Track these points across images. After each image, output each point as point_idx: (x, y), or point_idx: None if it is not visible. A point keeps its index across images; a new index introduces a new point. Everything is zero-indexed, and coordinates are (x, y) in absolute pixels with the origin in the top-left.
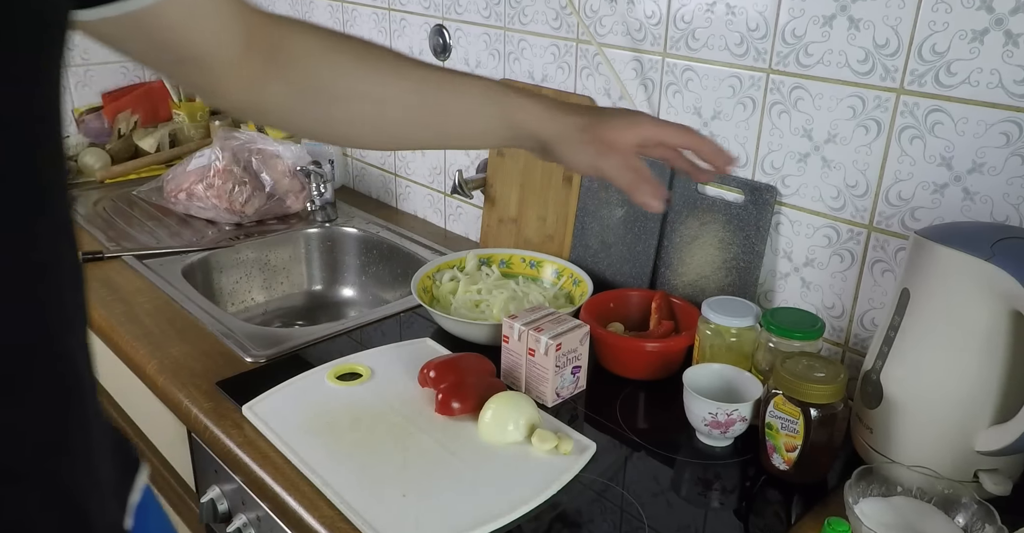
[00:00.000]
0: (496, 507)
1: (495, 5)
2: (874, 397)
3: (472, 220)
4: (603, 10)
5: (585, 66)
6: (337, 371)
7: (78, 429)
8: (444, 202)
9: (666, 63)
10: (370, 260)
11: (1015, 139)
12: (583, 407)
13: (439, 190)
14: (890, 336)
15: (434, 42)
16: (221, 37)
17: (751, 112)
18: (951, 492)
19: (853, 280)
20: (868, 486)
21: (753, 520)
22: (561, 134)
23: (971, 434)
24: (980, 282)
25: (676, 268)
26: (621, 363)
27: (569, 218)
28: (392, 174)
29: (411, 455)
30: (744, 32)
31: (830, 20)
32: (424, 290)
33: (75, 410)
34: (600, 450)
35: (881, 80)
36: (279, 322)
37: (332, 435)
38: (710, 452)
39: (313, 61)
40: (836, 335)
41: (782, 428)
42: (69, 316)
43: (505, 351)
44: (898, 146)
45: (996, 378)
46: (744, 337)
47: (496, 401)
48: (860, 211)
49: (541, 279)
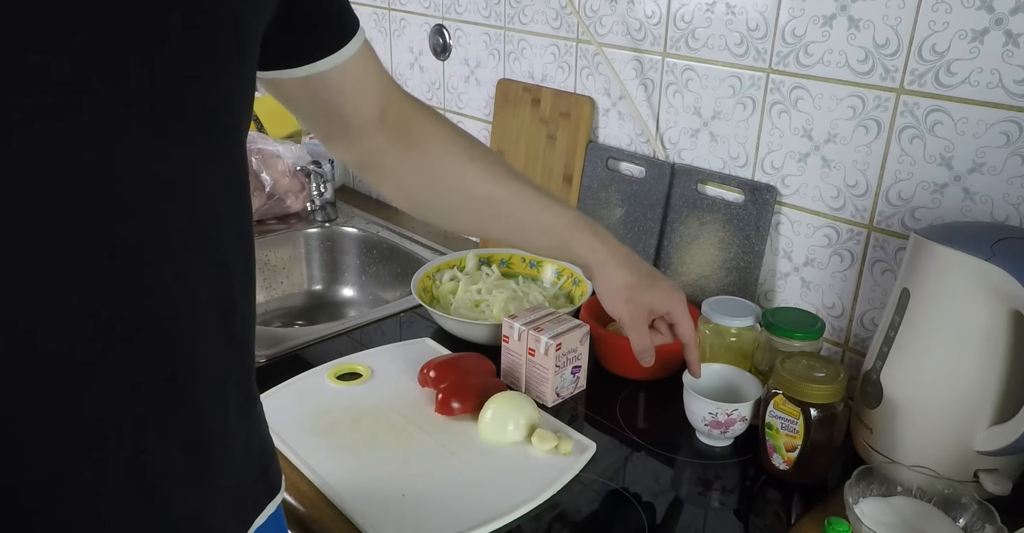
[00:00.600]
0: (496, 507)
1: (495, 5)
2: (874, 397)
3: None
4: (603, 10)
5: (585, 66)
6: (337, 371)
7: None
8: None
9: (666, 63)
10: (370, 260)
11: (1015, 139)
12: (583, 407)
13: None
14: (890, 336)
15: (434, 42)
16: (366, 106)
17: (751, 112)
18: (951, 492)
19: (853, 280)
20: (868, 486)
21: (753, 520)
22: (609, 281)
23: (971, 434)
24: (980, 282)
25: (676, 268)
26: (621, 363)
27: None
28: None
29: (411, 455)
30: (744, 32)
31: (830, 20)
32: (424, 290)
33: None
34: (600, 450)
35: (881, 80)
36: (279, 322)
37: (332, 435)
38: (710, 452)
39: (431, 152)
40: (836, 335)
41: (782, 428)
42: None
43: (505, 351)
44: (898, 146)
45: (996, 378)
46: (744, 337)
47: (496, 401)
48: (860, 211)
49: (541, 279)
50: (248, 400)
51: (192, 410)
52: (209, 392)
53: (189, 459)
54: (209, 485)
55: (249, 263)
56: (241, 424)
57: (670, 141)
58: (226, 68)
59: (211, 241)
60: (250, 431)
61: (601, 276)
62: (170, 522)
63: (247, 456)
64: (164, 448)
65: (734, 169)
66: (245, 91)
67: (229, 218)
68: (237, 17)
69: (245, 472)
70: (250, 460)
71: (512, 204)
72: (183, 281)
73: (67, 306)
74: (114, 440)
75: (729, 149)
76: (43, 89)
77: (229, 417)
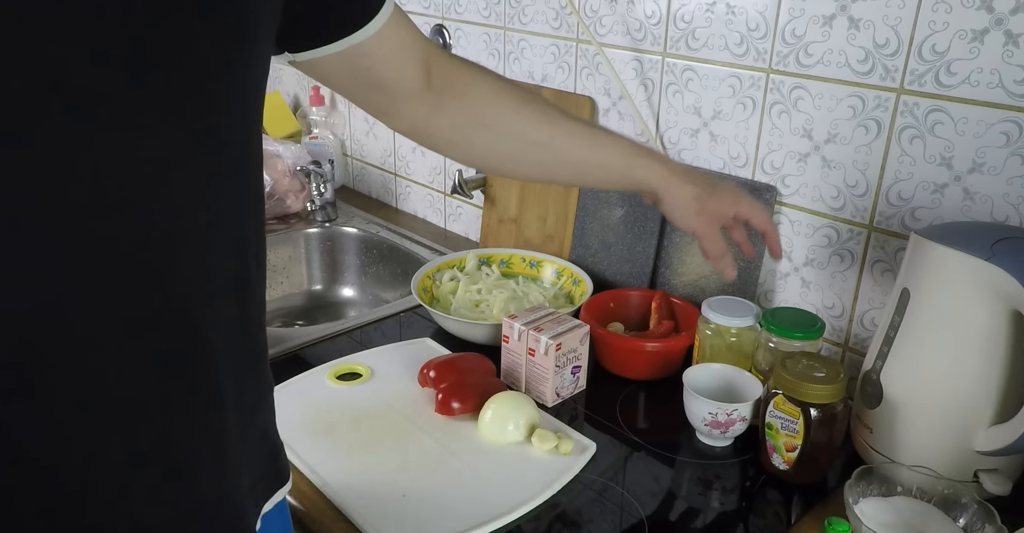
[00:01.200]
0: (496, 507)
1: (495, 5)
2: (874, 397)
3: (472, 220)
4: (603, 10)
5: (585, 66)
6: (337, 371)
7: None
8: (444, 202)
9: (666, 63)
10: (370, 260)
11: (1015, 139)
12: (583, 407)
13: (439, 190)
14: (890, 336)
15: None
16: (408, 70)
17: (751, 112)
18: (951, 492)
19: (853, 280)
20: (868, 486)
21: (753, 520)
22: (676, 198)
23: (971, 434)
24: (980, 282)
25: (676, 268)
26: (621, 363)
27: (569, 218)
28: (392, 174)
29: (411, 455)
30: (744, 32)
31: (830, 20)
32: (424, 290)
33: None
34: (600, 450)
35: (881, 80)
36: (279, 322)
37: (332, 435)
38: (710, 452)
39: (481, 101)
40: (836, 335)
41: (782, 428)
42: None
43: (505, 351)
44: (898, 146)
45: (996, 378)
46: (744, 337)
47: (496, 401)
48: (860, 211)
49: (541, 279)
50: (264, 384)
51: (213, 391)
52: (227, 374)
53: (213, 441)
54: (230, 466)
55: (261, 244)
56: (258, 409)
57: (670, 141)
58: (239, 56)
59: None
60: (266, 418)
61: (667, 196)
62: (197, 502)
63: (263, 441)
64: (189, 429)
65: (734, 169)
66: (257, 80)
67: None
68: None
69: (260, 456)
70: (265, 446)
71: (570, 143)
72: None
73: (96, 292)
74: (143, 420)
75: (729, 149)
76: (66, 84)
77: (245, 401)
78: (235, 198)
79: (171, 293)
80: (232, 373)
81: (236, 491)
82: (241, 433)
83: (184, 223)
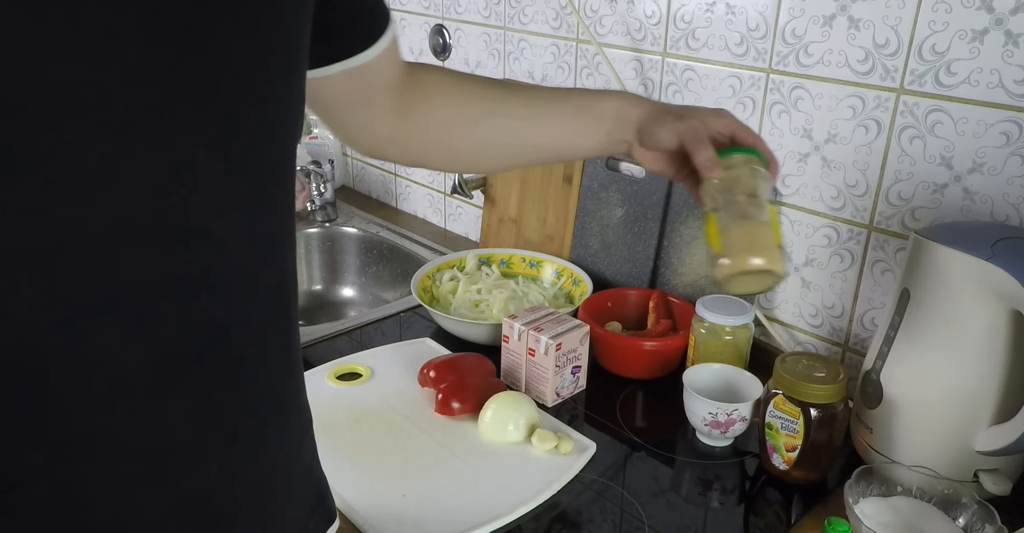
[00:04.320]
0: (496, 507)
1: (495, 5)
2: (874, 397)
3: (472, 220)
4: (603, 10)
5: (585, 66)
6: (337, 371)
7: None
8: (444, 202)
9: (666, 63)
10: (370, 260)
11: (1015, 139)
12: (583, 407)
13: (439, 190)
14: (890, 336)
15: (434, 42)
16: (394, 81)
17: (751, 112)
18: (951, 492)
19: (853, 280)
20: (868, 486)
21: (753, 520)
22: (653, 114)
23: (971, 434)
24: (980, 282)
25: (676, 268)
26: (619, 362)
27: (569, 218)
28: (392, 174)
29: (411, 455)
30: (744, 32)
31: (830, 20)
32: (424, 290)
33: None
34: (600, 450)
35: (881, 80)
36: None
37: (332, 435)
38: (710, 452)
39: (450, 90)
40: (836, 335)
41: (782, 428)
42: None
43: (505, 351)
44: (898, 146)
45: (996, 378)
46: (739, 335)
47: (496, 401)
48: (860, 211)
49: (541, 279)
50: (302, 419)
51: (255, 433)
52: (268, 416)
53: (259, 488)
54: (276, 515)
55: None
56: (300, 449)
57: None
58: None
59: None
60: (310, 458)
61: (641, 119)
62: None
63: (307, 483)
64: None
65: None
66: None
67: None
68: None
69: (305, 499)
70: (309, 487)
71: (531, 105)
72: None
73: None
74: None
75: None
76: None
77: (288, 442)
78: (276, 233)
79: (212, 330)
80: (273, 414)
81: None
82: (285, 475)
83: (233, 259)
